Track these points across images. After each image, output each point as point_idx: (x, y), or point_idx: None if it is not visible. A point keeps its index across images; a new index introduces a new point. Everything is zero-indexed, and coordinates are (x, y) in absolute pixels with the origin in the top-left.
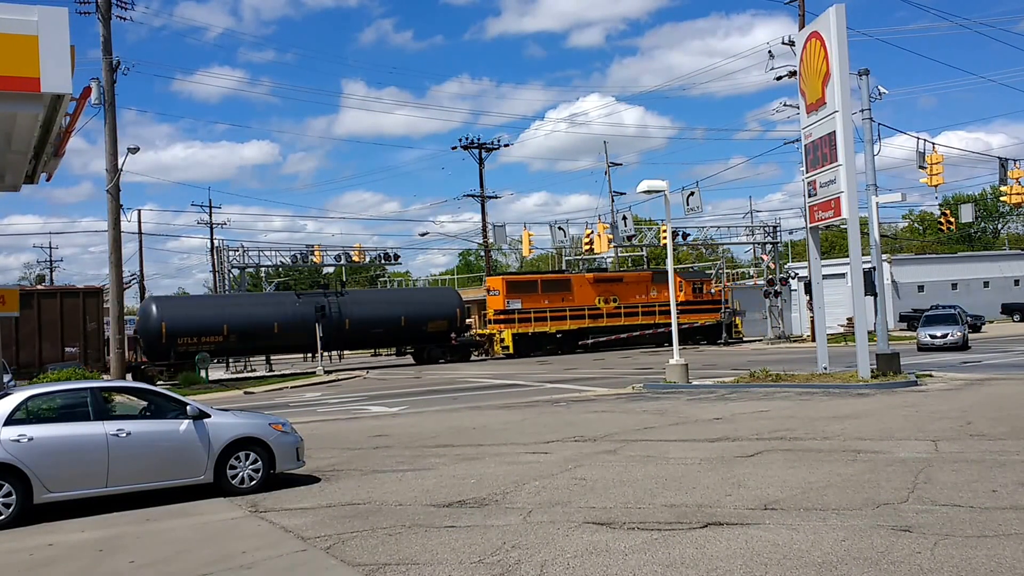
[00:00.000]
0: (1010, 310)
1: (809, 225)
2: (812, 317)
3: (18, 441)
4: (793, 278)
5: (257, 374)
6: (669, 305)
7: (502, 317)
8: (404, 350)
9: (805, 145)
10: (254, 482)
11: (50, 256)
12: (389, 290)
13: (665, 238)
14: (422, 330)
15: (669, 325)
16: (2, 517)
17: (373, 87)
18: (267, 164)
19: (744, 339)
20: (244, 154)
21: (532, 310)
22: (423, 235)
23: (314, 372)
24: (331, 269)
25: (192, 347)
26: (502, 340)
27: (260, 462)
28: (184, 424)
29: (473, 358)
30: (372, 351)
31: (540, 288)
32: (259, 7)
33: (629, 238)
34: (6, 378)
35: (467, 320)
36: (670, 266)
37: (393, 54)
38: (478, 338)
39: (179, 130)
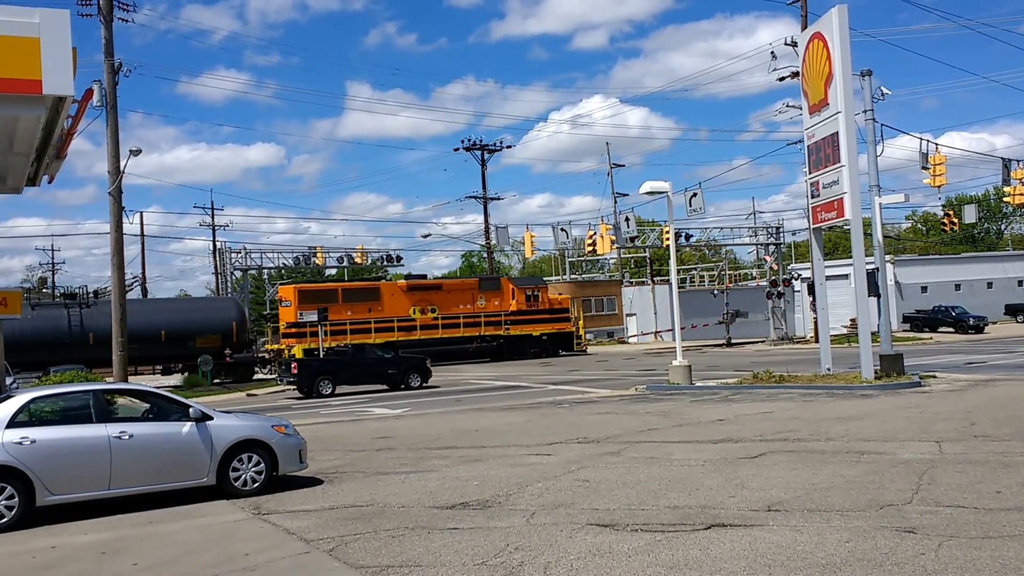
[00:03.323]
0: (1013, 311)
1: (812, 226)
2: (815, 318)
3: (21, 443)
4: (796, 279)
5: (259, 376)
6: (498, 316)
7: (293, 331)
8: (173, 368)
9: (808, 146)
10: (257, 484)
11: (52, 258)
12: (149, 299)
13: (668, 239)
14: (189, 345)
15: (497, 338)
16: (5, 519)
17: (377, 89)
18: (271, 166)
19: (587, 351)
20: (249, 156)
21: (329, 322)
22: (425, 236)
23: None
24: (333, 271)
25: None
26: (292, 357)
27: (263, 464)
28: (187, 426)
29: (261, 376)
30: (132, 369)
31: (341, 297)
32: (264, 10)
33: (632, 239)
34: (8, 380)
35: (250, 334)
36: (672, 268)
37: (398, 57)
38: (268, 354)
39: (184, 132)
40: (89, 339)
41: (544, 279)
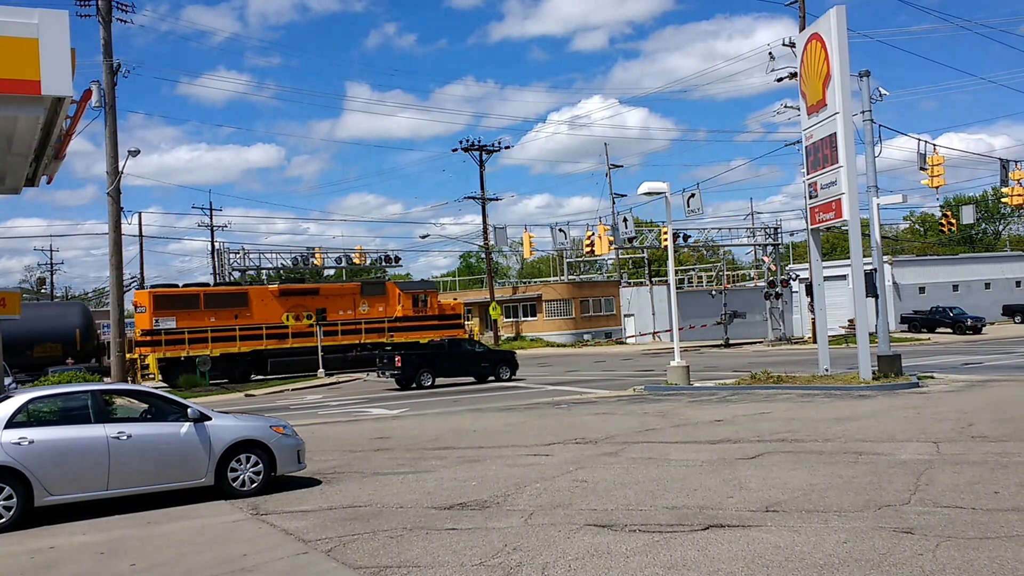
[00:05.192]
0: (1011, 312)
1: (810, 227)
2: (813, 319)
3: (19, 444)
4: (794, 280)
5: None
6: (381, 322)
7: (148, 339)
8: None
9: (806, 147)
10: (255, 484)
11: (50, 259)
12: None
13: (666, 240)
14: (26, 355)
15: (380, 346)
16: (3, 520)
17: (377, 90)
18: (271, 167)
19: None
20: (248, 157)
21: (188, 330)
22: (424, 237)
23: (315, 375)
24: (332, 271)
25: None
26: (146, 367)
27: (261, 464)
28: (185, 427)
29: None
30: None
31: (203, 303)
32: (265, 11)
33: (630, 240)
34: (7, 381)
35: (99, 341)
36: (671, 268)
37: (398, 58)
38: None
39: (184, 133)
40: None
41: (434, 283)
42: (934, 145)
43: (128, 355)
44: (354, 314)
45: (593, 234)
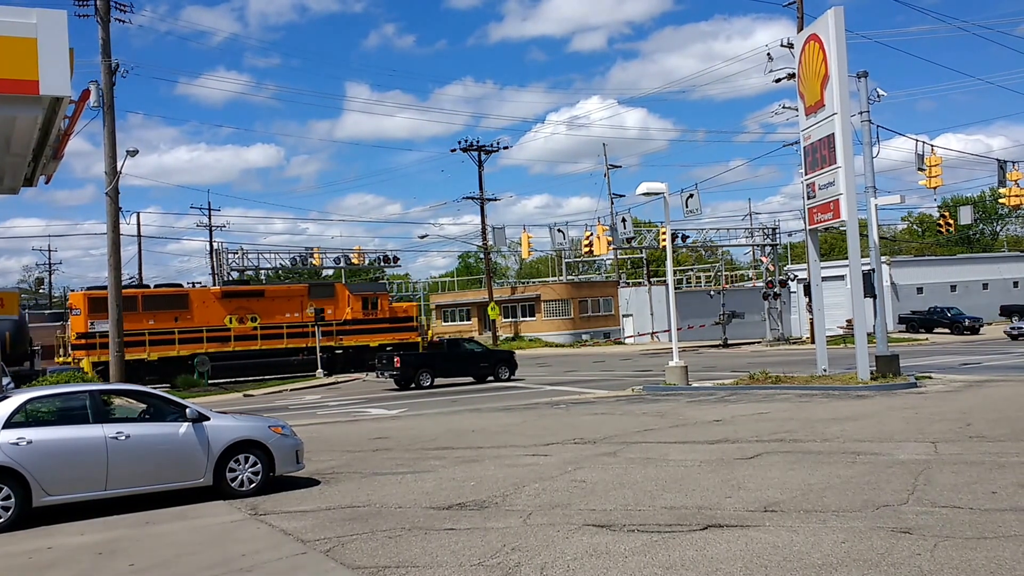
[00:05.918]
0: (1009, 312)
1: (808, 227)
2: (811, 319)
3: (17, 444)
4: (792, 280)
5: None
6: (329, 325)
7: (83, 342)
8: None
9: (804, 147)
10: (253, 485)
11: (49, 259)
12: None
13: (664, 240)
14: None
15: (328, 350)
16: (1, 520)
17: (376, 91)
18: (270, 167)
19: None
20: (247, 157)
21: (124, 332)
22: (422, 237)
23: (314, 375)
24: (331, 271)
25: None
26: (79, 370)
27: (259, 465)
28: (183, 427)
29: None
30: None
31: (141, 305)
32: (264, 12)
33: (628, 240)
34: (4, 381)
35: (31, 346)
36: (669, 269)
37: (397, 59)
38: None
39: (184, 133)
40: None
41: (384, 284)
42: (932, 146)
43: (61, 359)
44: (301, 316)
45: (592, 234)
